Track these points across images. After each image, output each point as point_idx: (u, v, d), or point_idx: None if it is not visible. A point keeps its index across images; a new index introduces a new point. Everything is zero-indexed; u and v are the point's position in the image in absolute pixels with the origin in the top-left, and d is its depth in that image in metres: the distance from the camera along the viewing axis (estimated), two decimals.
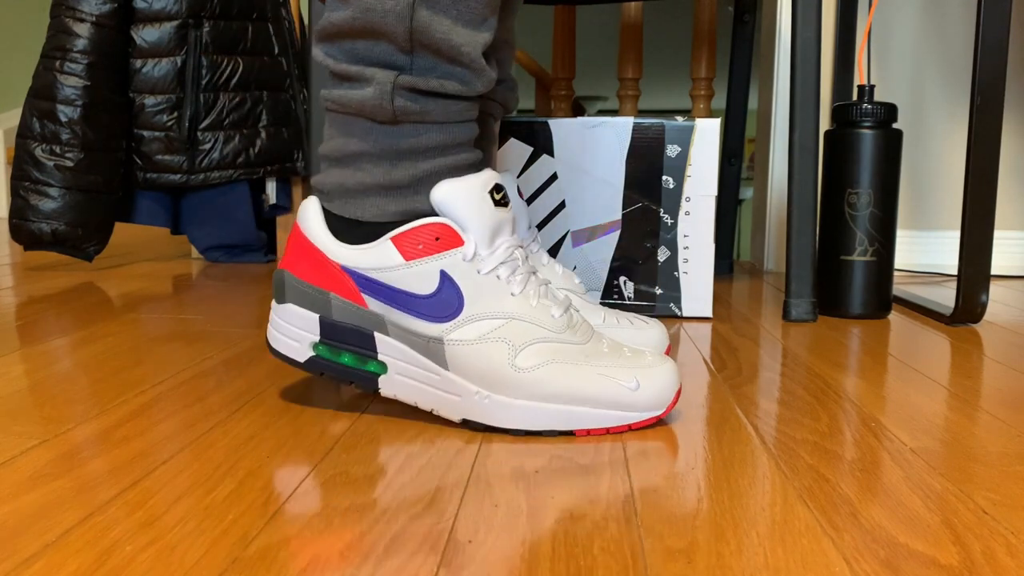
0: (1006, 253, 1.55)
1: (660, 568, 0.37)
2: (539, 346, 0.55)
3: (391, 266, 0.55)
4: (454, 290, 0.55)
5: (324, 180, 0.58)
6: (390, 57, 0.55)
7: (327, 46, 0.57)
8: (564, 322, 0.57)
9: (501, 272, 0.56)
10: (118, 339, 0.85)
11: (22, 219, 1.38)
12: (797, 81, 1.02)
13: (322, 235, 0.57)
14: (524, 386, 0.55)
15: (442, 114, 0.56)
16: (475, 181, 0.56)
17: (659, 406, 0.56)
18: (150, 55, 1.46)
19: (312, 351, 0.58)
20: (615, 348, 0.58)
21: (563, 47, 1.61)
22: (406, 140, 0.56)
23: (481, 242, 0.55)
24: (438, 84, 0.55)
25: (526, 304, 0.56)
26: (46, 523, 0.41)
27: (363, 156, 0.57)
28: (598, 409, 0.55)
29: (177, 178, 1.50)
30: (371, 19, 0.53)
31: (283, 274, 0.59)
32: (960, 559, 0.38)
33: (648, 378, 0.56)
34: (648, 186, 1.00)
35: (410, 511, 0.43)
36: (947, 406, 0.64)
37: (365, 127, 0.56)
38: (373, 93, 0.54)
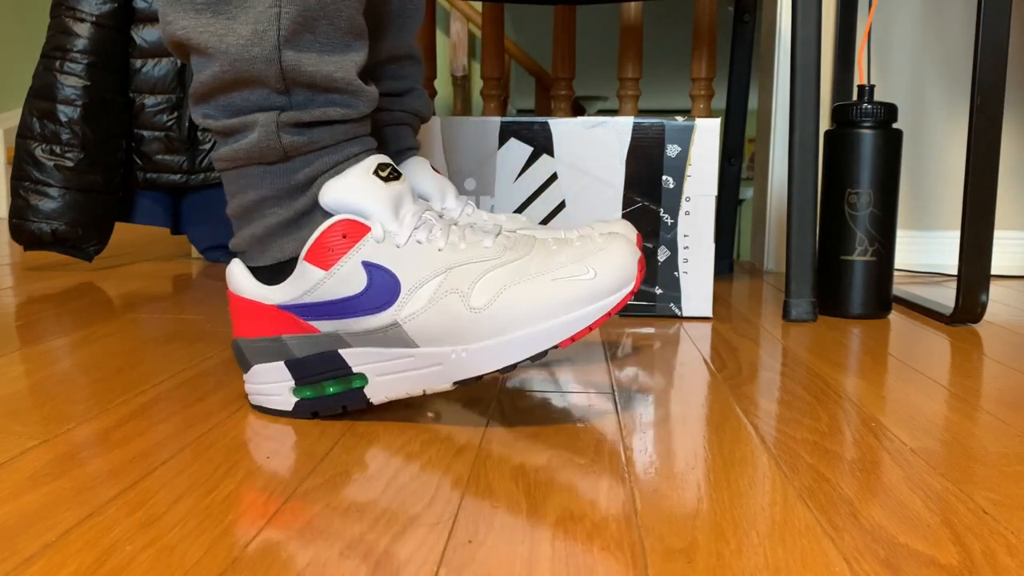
0: (1006, 253, 1.55)
1: (660, 568, 0.37)
2: (485, 279, 0.54)
3: (317, 282, 0.55)
4: (384, 273, 0.55)
5: (238, 241, 0.59)
6: (267, 100, 0.55)
7: (204, 107, 0.57)
8: (500, 245, 0.56)
9: (419, 236, 0.55)
10: (118, 339, 0.85)
11: (22, 219, 1.38)
12: (797, 81, 1.02)
13: (251, 287, 0.58)
14: (490, 323, 0.53)
15: (331, 138, 0.56)
16: (356, 169, 0.56)
17: (625, 283, 0.54)
18: (150, 55, 1.46)
19: (295, 396, 0.58)
20: (562, 242, 0.57)
21: (563, 47, 1.61)
22: (301, 172, 0.56)
23: (386, 220, 0.55)
24: (321, 113, 0.55)
25: (456, 251, 0.55)
26: (46, 523, 0.41)
27: (264, 201, 0.57)
28: (569, 314, 0.53)
29: (177, 178, 1.50)
30: (240, 69, 0.54)
31: (237, 343, 0.60)
32: (960, 559, 0.38)
33: (602, 261, 0.54)
34: (648, 186, 1.00)
35: (410, 511, 0.43)
36: (947, 406, 0.64)
37: (258, 173, 0.57)
38: (259, 136, 0.55)
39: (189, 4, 0.54)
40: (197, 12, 0.54)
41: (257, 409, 0.60)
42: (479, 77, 2.48)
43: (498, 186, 1.02)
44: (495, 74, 1.65)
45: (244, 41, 0.53)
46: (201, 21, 0.54)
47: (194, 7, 0.54)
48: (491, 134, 1.01)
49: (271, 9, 0.52)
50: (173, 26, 0.55)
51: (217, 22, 0.53)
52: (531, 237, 0.58)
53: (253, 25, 0.53)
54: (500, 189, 1.02)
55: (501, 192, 1.02)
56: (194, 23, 0.54)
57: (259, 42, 0.53)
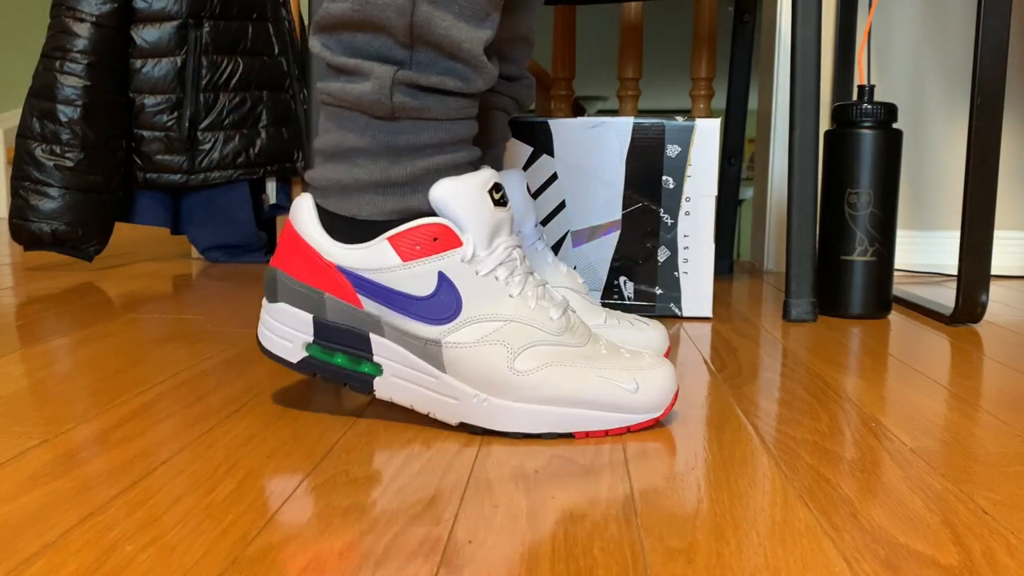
0: (1006, 253, 1.55)
1: (660, 568, 0.37)
2: (537, 348, 0.55)
3: (388, 267, 0.55)
4: (452, 292, 0.54)
5: (319, 176, 0.57)
6: (389, 51, 0.54)
7: (325, 37, 0.56)
8: (563, 324, 0.56)
9: (500, 273, 0.55)
10: (118, 339, 0.85)
11: (22, 219, 1.38)
12: (797, 81, 1.02)
13: (316, 233, 0.56)
14: (522, 389, 0.54)
15: (441, 111, 0.55)
16: (474, 180, 0.55)
17: (657, 408, 0.56)
18: (150, 55, 1.46)
19: (305, 352, 0.58)
20: (613, 350, 0.58)
21: (563, 47, 1.61)
22: (404, 137, 0.55)
23: (479, 243, 0.54)
24: (438, 80, 0.54)
25: (524, 306, 0.55)
26: (46, 523, 0.41)
27: (360, 152, 0.56)
28: (597, 411, 0.55)
29: (177, 178, 1.50)
30: (371, 12, 0.52)
31: (275, 272, 0.58)
32: (960, 559, 0.38)
33: (646, 380, 0.56)
34: (648, 186, 1.00)
35: (410, 511, 0.43)
36: (947, 406, 0.64)
37: (362, 122, 0.55)
38: (372, 88, 0.53)
39: None
40: None
41: (262, 350, 0.59)
42: None
43: None
44: None
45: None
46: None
47: None
48: None
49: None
50: None
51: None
52: (588, 328, 0.59)
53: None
54: None
55: None
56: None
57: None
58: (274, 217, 1.67)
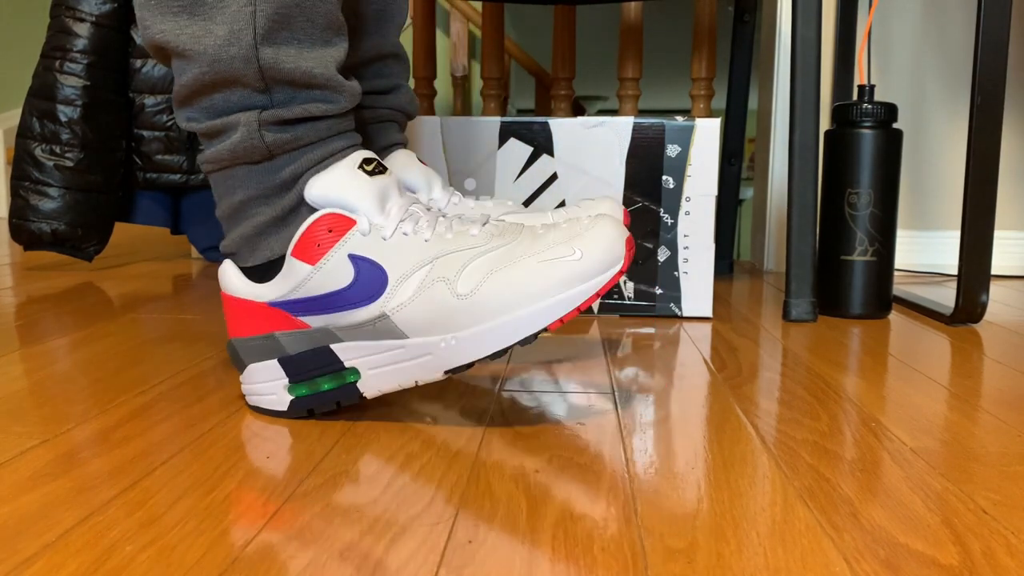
0: (1006, 253, 1.55)
1: (660, 568, 0.37)
2: (472, 266, 0.54)
3: (305, 277, 0.55)
4: (371, 266, 0.55)
5: (228, 243, 0.59)
6: (249, 100, 0.55)
7: (187, 111, 0.57)
8: (487, 233, 0.56)
9: (405, 228, 0.55)
10: (118, 339, 0.85)
11: (22, 219, 1.38)
12: (797, 81, 1.02)
13: (242, 286, 0.58)
14: (477, 309, 0.53)
15: (314, 135, 0.57)
16: (341, 164, 0.56)
17: (613, 263, 0.53)
18: (150, 55, 1.46)
19: (290, 395, 0.58)
20: (549, 227, 0.56)
21: (563, 47, 1.61)
22: (286, 169, 0.56)
23: (372, 213, 0.55)
24: (302, 110, 0.55)
25: (442, 241, 0.55)
26: (46, 523, 0.41)
27: (251, 201, 0.57)
28: (556, 295, 0.53)
29: (177, 178, 1.50)
30: (219, 69, 0.54)
31: (231, 343, 0.60)
32: (960, 559, 0.38)
33: (590, 241, 0.53)
34: (648, 186, 1.00)
35: (410, 511, 0.43)
36: (947, 406, 0.64)
37: (244, 173, 0.57)
38: (242, 136, 0.55)
39: (166, 7, 0.54)
40: (174, 15, 0.54)
41: (254, 410, 0.60)
42: (479, 77, 2.48)
43: (498, 186, 1.02)
44: (495, 74, 1.65)
45: (221, 41, 0.53)
46: (179, 24, 0.54)
47: (171, 10, 0.54)
48: (491, 134, 1.01)
49: (246, 8, 0.53)
50: (151, 30, 0.55)
51: (194, 24, 0.54)
52: (519, 225, 0.58)
53: (229, 25, 0.53)
54: (500, 189, 1.02)
55: (501, 192, 1.02)
56: (171, 26, 0.54)
57: (236, 41, 0.53)
58: None
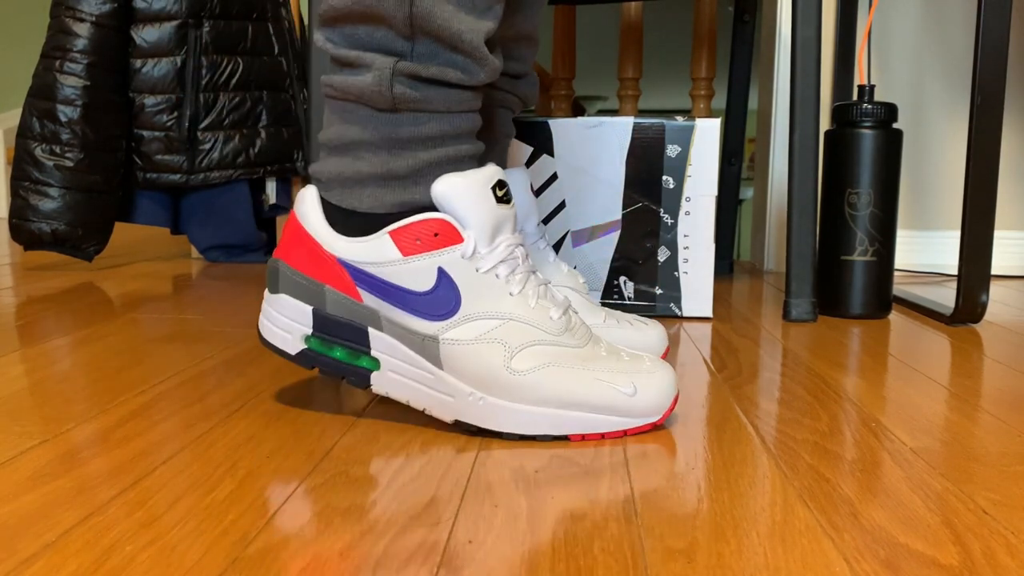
0: (1006, 253, 1.55)
1: (660, 568, 0.37)
2: (536, 348, 0.54)
3: (388, 261, 0.54)
4: (451, 288, 0.54)
5: (322, 168, 0.57)
6: (390, 43, 0.54)
7: (327, 31, 0.56)
8: (563, 324, 0.56)
9: (500, 271, 0.55)
10: (118, 339, 0.85)
11: (22, 219, 1.38)
12: (797, 81, 1.02)
13: (319, 225, 0.56)
14: (519, 389, 0.54)
15: (443, 103, 0.55)
16: (477, 176, 0.54)
17: (656, 412, 0.55)
18: (150, 55, 1.46)
19: (304, 344, 0.57)
20: (613, 352, 0.57)
21: (563, 47, 1.61)
22: (405, 129, 0.55)
23: (481, 239, 0.54)
24: (439, 72, 0.54)
25: (524, 305, 0.55)
26: (46, 523, 0.41)
27: (361, 144, 0.56)
28: (594, 414, 0.54)
29: (177, 178, 1.50)
30: (371, 3, 0.52)
31: (278, 263, 0.58)
32: (960, 559, 0.38)
33: (645, 384, 0.55)
34: (648, 186, 1.00)
35: (410, 512, 0.43)
36: (947, 406, 0.64)
37: (364, 115, 0.55)
38: (372, 79, 0.53)
39: None
40: None
41: (262, 340, 0.59)
42: None
43: None
44: None
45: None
46: None
47: None
48: None
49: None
50: None
51: None
52: (589, 329, 0.58)
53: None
54: None
55: None
56: None
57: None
58: (274, 217, 1.67)
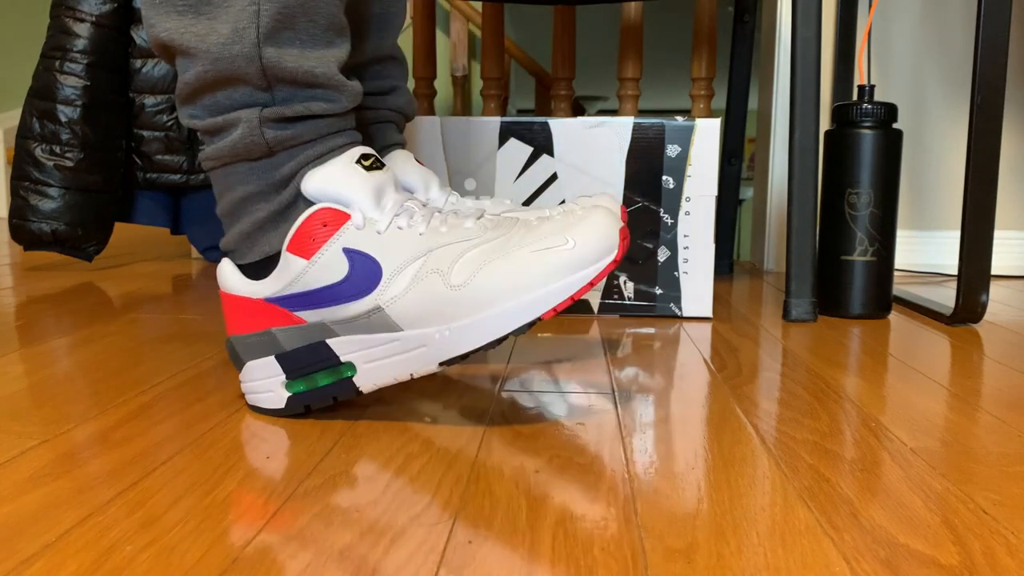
0: (1006, 253, 1.55)
1: (660, 568, 0.37)
2: (465, 257, 0.54)
3: (300, 272, 0.55)
4: (365, 259, 0.55)
5: (227, 240, 0.59)
6: (251, 97, 0.56)
7: (189, 108, 0.58)
8: (482, 226, 0.56)
9: (400, 222, 0.56)
10: (118, 339, 0.85)
11: (22, 219, 1.38)
12: (797, 81, 1.02)
13: (239, 284, 0.58)
14: (470, 300, 0.53)
15: (314, 133, 0.57)
16: (338, 160, 0.56)
17: (606, 252, 0.53)
18: (150, 55, 1.46)
19: (287, 391, 0.58)
20: (543, 218, 0.56)
21: (563, 47, 1.61)
22: (285, 166, 0.57)
23: (367, 208, 0.55)
24: (303, 108, 0.56)
25: (437, 234, 0.55)
26: (46, 523, 0.41)
27: (250, 198, 0.57)
28: (549, 284, 0.53)
29: (177, 178, 1.50)
30: (222, 68, 0.54)
31: (230, 341, 0.60)
32: (960, 559, 0.38)
33: (582, 231, 0.53)
34: (648, 186, 1.00)
35: (410, 511, 0.43)
36: (947, 406, 0.64)
37: (244, 170, 0.57)
38: (243, 132, 0.55)
39: (171, 6, 0.55)
40: (179, 14, 0.54)
41: (253, 409, 0.60)
42: (479, 77, 2.48)
43: (498, 186, 1.02)
44: (495, 74, 1.65)
45: (225, 40, 0.53)
46: (183, 23, 0.54)
47: (176, 9, 0.54)
48: (491, 134, 1.01)
49: (250, 7, 0.53)
50: (157, 28, 0.55)
51: (198, 23, 0.54)
52: (514, 219, 0.58)
53: (233, 24, 0.53)
54: (500, 189, 1.02)
55: (501, 192, 1.02)
56: (176, 24, 0.55)
57: (239, 40, 0.53)
58: None
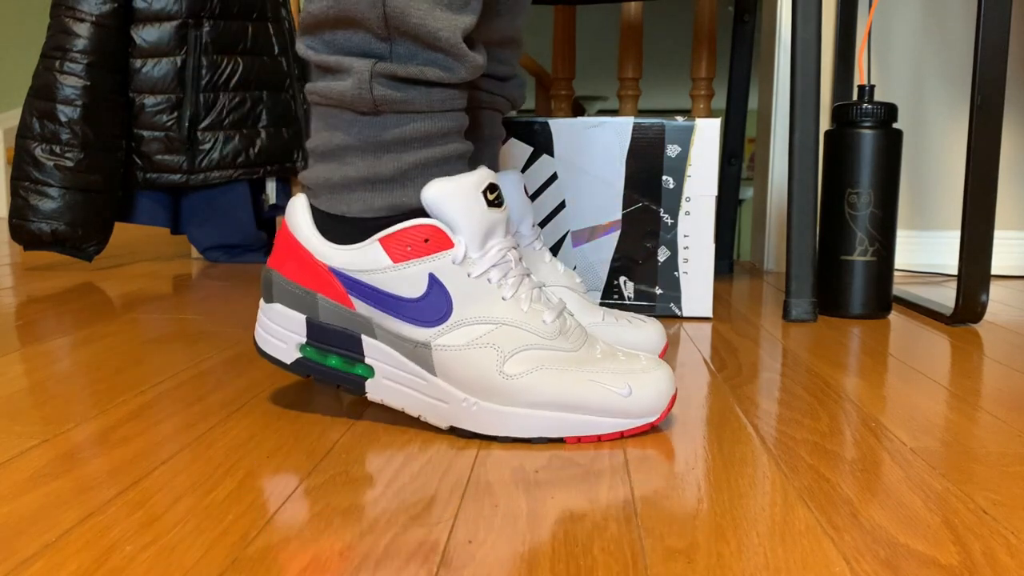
0: (1006, 253, 1.55)
1: (660, 568, 0.37)
2: (529, 352, 0.54)
3: (379, 268, 0.54)
4: (443, 294, 0.54)
5: (310, 175, 0.57)
6: (368, 45, 0.54)
7: (309, 39, 0.56)
8: (556, 328, 0.55)
9: (492, 275, 0.54)
10: (118, 339, 0.85)
11: (22, 219, 1.38)
12: (797, 81, 1.02)
13: (309, 234, 0.56)
14: (512, 393, 0.53)
15: (425, 103, 0.55)
16: (467, 181, 0.54)
17: (653, 412, 0.55)
18: (150, 55, 1.46)
19: (299, 353, 0.58)
20: (608, 353, 0.57)
21: (563, 47, 1.61)
22: (389, 131, 0.55)
23: (472, 244, 0.54)
24: (418, 71, 0.53)
25: (517, 309, 0.55)
26: (46, 523, 0.41)
27: (347, 149, 0.56)
28: (589, 416, 0.54)
29: (177, 178, 1.50)
30: (345, 7, 0.52)
31: (271, 273, 0.58)
32: (960, 559, 0.38)
33: (641, 384, 0.54)
34: (648, 186, 1.00)
35: (410, 511, 0.43)
36: (947, 406, 0.64)
37: (348, 119, 0.55)
38: (352, 83, 0.53)
39: None
40: None
41: (258, 350, 0.60)
42: None
43: None
44: None
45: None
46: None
47: None
48: None
49: None
50: None
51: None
52: (584, 331, 0.58)
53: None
54: None
55: None
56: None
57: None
58: (274, 217, 1.67)
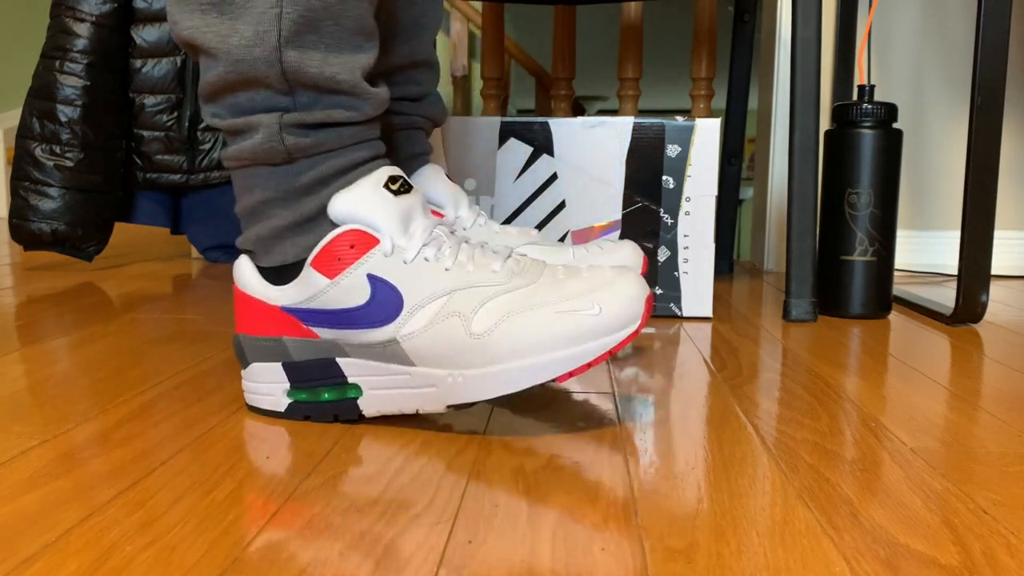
0: (1006, 253, 1.55)
1: (660, 568, 0.37)
2: (489, 305, 0.54)
3: (320, 290, 0.55)
4: (388, 288, 0.54)
5: (244, 240, 0.59)
6: (271, 101, 0.55)
7: (211, 107, 0.57)
8: (508, 270, 0.55)
9: (427, 253, 0.55)
10: (118, 339, 0.85)
11: (22, 219, 1.38)
12: (797, 81, 1.02)
13: (257, 285, 0.58)
14: (488, 351, 0.53)
15: (336, 142, 0.56)
16: (366, 183, 0.55)
17: (631, 321, 0.53)
18: (150, 55, 1.46)
19: (289, 398, 0.58)
20: (571, 273, 0.56)
21: (563, 47, 1.61)
22: (306, 174, 0.56)
23: (395, 233, 0.55)
24: (325, 115, 0.55)
25: (463, 272, 0.55)
26: (46, 523, 0.41)
27: (269, 203, 0.57)
28: (570, 348, 0.52)
29: (177, 178, 1.50)
30: (242, 70, 0.54)
31: (239, 338, 0.59)
32: (960, 559, 0.38)
33: (610, 298, 0.53)
34: (648, 186, 1.00)
35: (410, 511, 0.43)
36: (947, 406, 0.64)
37: (264, 174, 0.56)
38: (263, 137, 0.55)
39: (195, 4, 0.54)
40: (203, 12, 0.54)
41: (251, 409, 0.60)
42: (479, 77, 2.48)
43: (498, 186, 1.02)
44: (495, 74, 1.65)
45: (246, 42, 0.53)
46: (206, 21, 0.54)
47: (199, 7, 0.54)
48: (491, 134, 1.01)
49: (272, 9, 0.52)
50: (180, 26, 0.55)
51: (221, 23, 0.53)
52: (541, 263, 0.57)
53: (255, 26, 0.53)
54: (500, 189, 1.02)
55: (501, 192, 1.02)
56: (199, 23, 0.54)
57: (260, 43, 0.53)
58: None
